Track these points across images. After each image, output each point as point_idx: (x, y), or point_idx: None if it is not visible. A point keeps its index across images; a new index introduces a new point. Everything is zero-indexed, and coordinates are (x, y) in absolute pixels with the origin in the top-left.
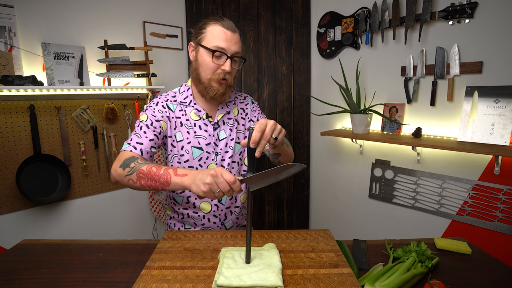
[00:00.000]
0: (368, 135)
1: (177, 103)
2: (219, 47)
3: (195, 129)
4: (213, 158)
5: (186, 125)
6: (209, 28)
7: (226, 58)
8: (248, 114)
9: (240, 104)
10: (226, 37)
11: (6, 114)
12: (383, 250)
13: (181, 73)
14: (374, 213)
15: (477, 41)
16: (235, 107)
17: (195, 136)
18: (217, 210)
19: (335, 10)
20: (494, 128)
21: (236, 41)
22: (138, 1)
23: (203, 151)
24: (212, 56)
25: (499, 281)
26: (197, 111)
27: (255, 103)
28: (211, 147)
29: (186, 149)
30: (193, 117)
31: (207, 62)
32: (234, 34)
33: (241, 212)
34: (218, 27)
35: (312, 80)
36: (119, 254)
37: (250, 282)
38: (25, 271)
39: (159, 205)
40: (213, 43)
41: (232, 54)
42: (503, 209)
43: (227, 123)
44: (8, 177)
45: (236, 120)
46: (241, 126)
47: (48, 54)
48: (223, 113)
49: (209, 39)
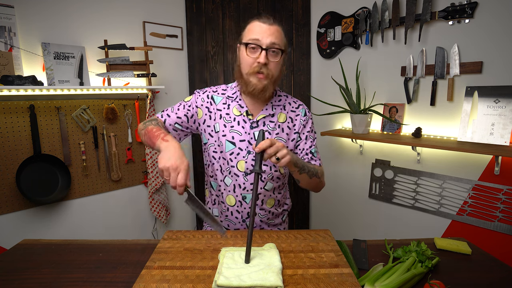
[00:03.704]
0: (368, 135)
1: (225, 96)
2: (252, 39)
3: (233, 124)
4: (244, 155)
5: (225, 118)
6: (248, 26)
7: (260, 50)
8: (296, 126)
9: (291, 113)
10: (260, 29)
11: (6, 114)
12: (383, 250)
13: (181, 73)
14: (374, 213)
15: (477, 41)
16: (283, 112)
17: (231, 130)
18: (240, 207)
19: (335, 10)
20: (494, 128)
21: (272, 32)
22: (138, 1)
23: (235, 146)
24: (246, 49)
25: (499, 281)
26: (240, 107)
27: (308, 115)
28: (245, 144)
29: (221, 141)
30: (235, 112)
31: (244, 56)
32: (270, 26)
33: (267, 217)
34: (255, 22)
35: (312, 80)
36: (119, 254)
37: (250, 282)
38: (25, 271)
39: (159, 205)
40: (248, 36)
41: (268, 46)
42: (503, 209)
43: (268, 125)
44: (8, 177)
45: (280, 126)
46: (284, 134)
47: (48, 54)
48: (265, 114)
49: (246, 34)
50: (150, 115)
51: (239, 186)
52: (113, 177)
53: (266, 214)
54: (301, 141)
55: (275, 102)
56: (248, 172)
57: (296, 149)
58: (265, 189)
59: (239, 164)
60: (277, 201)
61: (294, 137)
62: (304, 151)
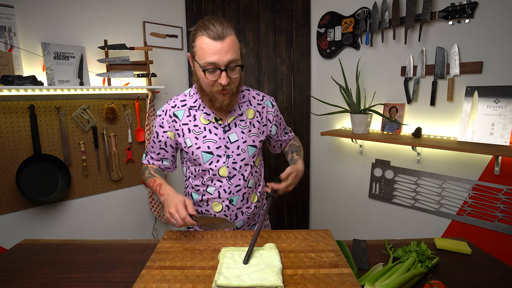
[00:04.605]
0: (368, 135)
1: (186, 107)
2: (209, 62)
3: (205, 133)
4: (224, 161)
5: (194, 130)
6: (198, 42)
7: (220, 71)
8: (264, 119)
9: (258, 106)
10: (215, 49)
11: (6, 114)
12: (383, 250)
13: (181, 73)
14: (374, 213)
15: (477, 41)
16: (250, 108)
17: (204, 141)
18: (228, 211)
19: (335, 10)
20: (494, 128)
21: (228, 49)
22: (138, 1)
23: (213, 155)
24: (205, 73)
25: (499, 281)
26: (206, 115)
27: (274, 104)
28: (222, 150)
29: (196, 154)
30: (203, 121)
31: (203, 78)
32: (223, 42)
33: (252, 212)
34: (205, 40)
35: (312, 80)
36: (119, 254)
37: (250, 282)
38: (25, 271)
39: (159, 205)
40: (203, 59)
41: (226, 65)
42: (503, 209)
43: (239, 125)
44: (8, 177)
45: (251, 123)
46: (255, 129)
47: (48, 54)
48: (234, 115)
49: (200, 54)
50: (150, 115)
51: (224, 191)
52: (113, 177)
53: (252, 209)
54: (279, 129)
55: (240, 100)
56: (231, 177)
57: (276, 137)
58: (248, 187)
59: (220, 170)
60: (258, 193)
61: (264, 130)
62: (281, 134)
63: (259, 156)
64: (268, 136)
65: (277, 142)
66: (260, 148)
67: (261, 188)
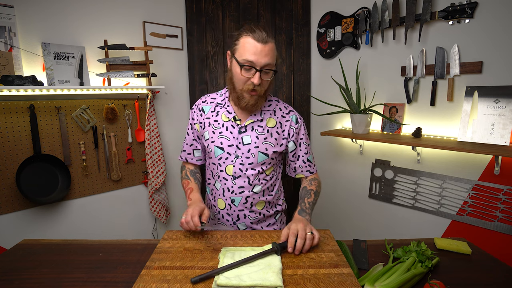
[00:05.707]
0: (368, 135)
1: (214, 104)
2: (247, 60)
3: (222, 130)
4: (232, 160)
5: (213, 125)
6: (241, 40)
7: (255, 71)
8: (286, 132)
9: (281, 118)
10: (255, 50)
11: (6, 114)
12: (383, 250)
13: (181, 73)
14: (374, 213)
15: (477, 41)
16: (273, 117)
17: (219, 136)
18: (230, 210)
19: (335, 10)
20: (494, 128)
21: (267, 53)
22: (138, 1)
23: (223, 151)
24: (241, 69)
25: (499, 281)
26: (228, 113)
27: (300, 121)
28: (233, 149)
29: (210, 147)
30: (223, 118)
31: (238, 74)
32: (265, 46)
33: (257, 219)
34: (249, 40)
35: (312, 80)
36: (119, 254)
37: (250, 282)
38: (25, 271)
39: (159, 205)
40: (243, 56)
41: (262, 67)
42: (503, 209)
43: (256, 130)
44: (8, 177)
45: (269, 131)
46: (272, 139)
47: (48, 54)
48: (253, 119)
49: (240, 52)
50: (150, 115)
51: (227, 189)
52: (113, 177)
53: (257, 216)
54: (297, 149)
55: (264, 108)
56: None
57: (292, 156)
58: (253, 192)
59: (227, 168)
60: (267, 203)
61: (283, 143)
62: (301, 159)
63: (274, 167)
64: (285, 152)
65: (291, 162)
66: (274, 158)
67: (273, 199)
